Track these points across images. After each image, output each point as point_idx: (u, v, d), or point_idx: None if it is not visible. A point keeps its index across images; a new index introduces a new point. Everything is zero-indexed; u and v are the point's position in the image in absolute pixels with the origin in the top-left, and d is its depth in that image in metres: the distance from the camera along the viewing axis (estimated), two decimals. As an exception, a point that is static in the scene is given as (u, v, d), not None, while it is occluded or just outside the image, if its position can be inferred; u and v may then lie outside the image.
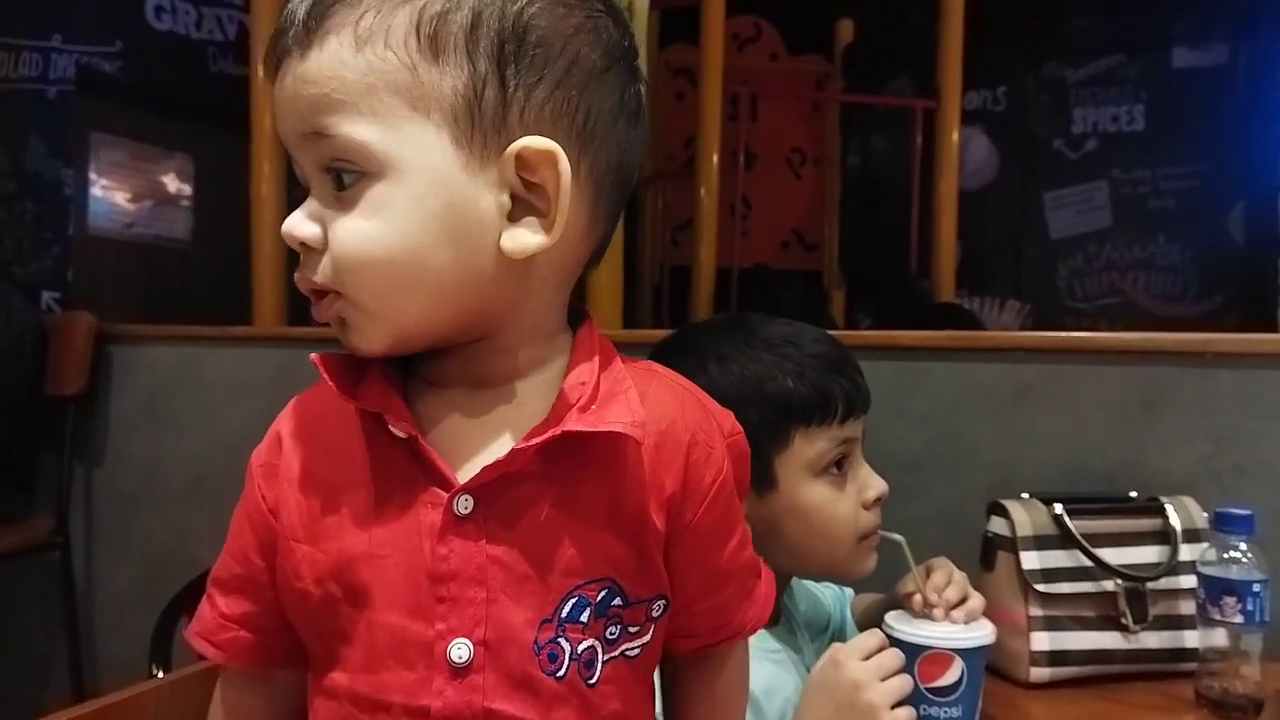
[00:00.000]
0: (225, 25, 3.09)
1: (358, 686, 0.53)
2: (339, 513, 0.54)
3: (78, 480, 1.98)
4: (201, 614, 0.59)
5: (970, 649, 0.80)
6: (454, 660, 0.51)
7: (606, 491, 0.54)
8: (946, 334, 1.51)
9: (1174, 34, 3.89)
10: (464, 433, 0.55)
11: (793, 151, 3.89)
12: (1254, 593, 0.95)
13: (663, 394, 0.58)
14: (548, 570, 0.53)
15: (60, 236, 2.75)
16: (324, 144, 0.50)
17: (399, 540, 0.53)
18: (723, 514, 0.59)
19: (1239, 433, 1.27)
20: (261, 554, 0.57)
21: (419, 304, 0.52)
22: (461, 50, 0.50)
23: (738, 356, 0.86)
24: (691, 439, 0.57)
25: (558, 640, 0.53)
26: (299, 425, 0.58)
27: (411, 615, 0.52)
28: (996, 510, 1.11)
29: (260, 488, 0.57)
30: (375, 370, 0.55)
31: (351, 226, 0.51)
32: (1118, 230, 3.99)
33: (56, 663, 1.97)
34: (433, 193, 0.50)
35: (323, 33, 0.50)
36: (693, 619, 0.61)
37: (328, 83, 0.50)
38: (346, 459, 0.55)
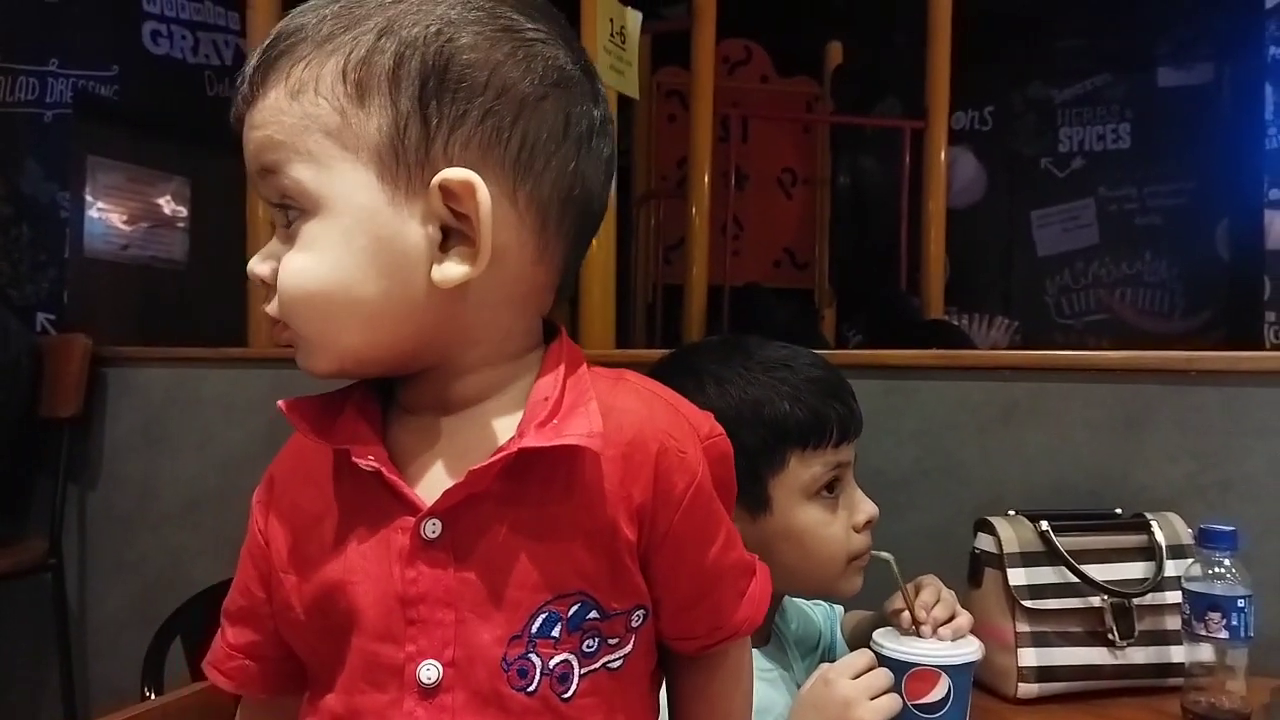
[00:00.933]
0: (222, 50, 3.12)
1: (339, 708, 0.55)
2: (319, 542, 0.56)
3: (72, 502, 1.98)
4: (214, 644, 0.63)
5: (957, 666, 0.81)
6: (423, 681, 0.53)
7: (572, 506, 0.55)
8: (934, 353, 1.52)
9: (1159, 53, 3.94)
10: (432, 457, 0.57)
11: (783, 171, 3.92)
12: (1239, 608, 0.96)
13: (629, 402, 0.58)
14: (515, 588, 0.54)
15: (56, 259, 2.75)
16: (271, 180, 0.54)
17: (370, 566, 0.54)
18: (703, 518, 0.59)
19: (1224, 449, 1.29)
20: (262, 586, 0.60)
21: (354, 334, 0.54)
22: (384, 92, 0.52)
23: (735, 379, 0.87)
24: (661, 446, 0.57)
25: (527, 656, 0.54)
26: (289, 462, 0.61)
27: (382, 639, 0.54)
28: (983, 527, 1.13)
29: (258, 522, 0.60)
30: (353, 402, 0.58)
31: (289, 261, 0.54)
32: (1105, 247, 4.02)
33: (49, 685, 1.96)
34: (360, 228, 0.52)
35: (266, 85, 0.54)
36: (688, 623, 0.61)
37: (269, 126, 0.53)
38: (326, 491, 0.57)
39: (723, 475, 0.62)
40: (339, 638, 0.55)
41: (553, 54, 0.56)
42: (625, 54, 2.00)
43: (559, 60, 0.56)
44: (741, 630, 0.64)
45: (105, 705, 1.02)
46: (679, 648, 0.63)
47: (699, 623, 0.62)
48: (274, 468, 0.62)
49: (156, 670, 1.09)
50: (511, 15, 0.55)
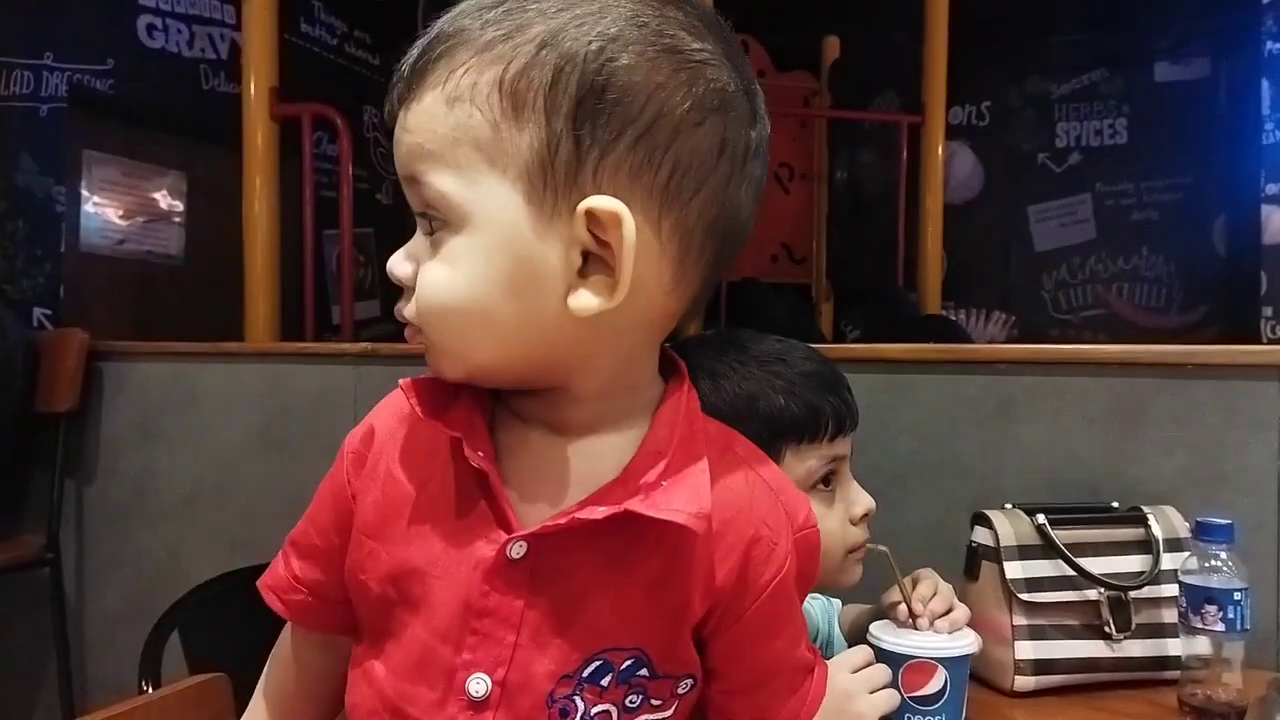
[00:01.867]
0: (218, 43, 3.11)
1: (388, 686, 0.56)
2: (410, 521, 0.57)
3: (69, 497, 1.98)
4: (275, 569, 0.63)
5: (953, 658, 0.81)
6: (472, 693, 0.53)
7: (654, 568, 0.55)
8: (931, 347, 1.53)
9: (1156, 49, 3.94)
10: (536, 475, 0.57)
11: (781, 166, 3.92)
12: (1235, 601, 0.96)
13: (735, 481, 0.58)
14: (578, 629, 0.54)
15: (52, 253, 2.74)
16: (418, 189, 0.54)
17: (451, 565, 0.55)
18: (776, 610, 0.60)
19: (1220, 443, 1.29)
20: (338, 531, 0.60)
21: (486, 350, 0.54)
22: (540, 108, 0.50)
23: (730, 374, 0.87)
24: (755, 534, 0.58)
25: (573, 698, 0.54)
26: (393, 423, 0.60)
27: (443, 639, 0.54)
28: (980, 521, 1.13)
29: (348, 471, 0.60)
30: (468, 394, 0.58)
31: (432, 272, 0.54)
32: (1102, 243, 4.03)
33: (46, 680, 1.96)
34: (502, 247, 0.51)
35: (422, 87, 0.53)
36: (733, 709, 0.61)
37: (422, 133, 0.52)
38: (428, 472, 0.57)
39: (808, 568, 0.63)
40: (402, 618, 0.56)
41: (716, 75, 0.53)
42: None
43: (721, 82, 0.54)
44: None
45: (102, 700, 1.02)
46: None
47: (742, 712, 0.62)
48: (376, 421, 0.61)
49: (154, 664, 1.09)
50: (678, 33, 0.52)
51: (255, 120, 2.14)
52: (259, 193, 2.13)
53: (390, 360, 1.74)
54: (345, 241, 2.43)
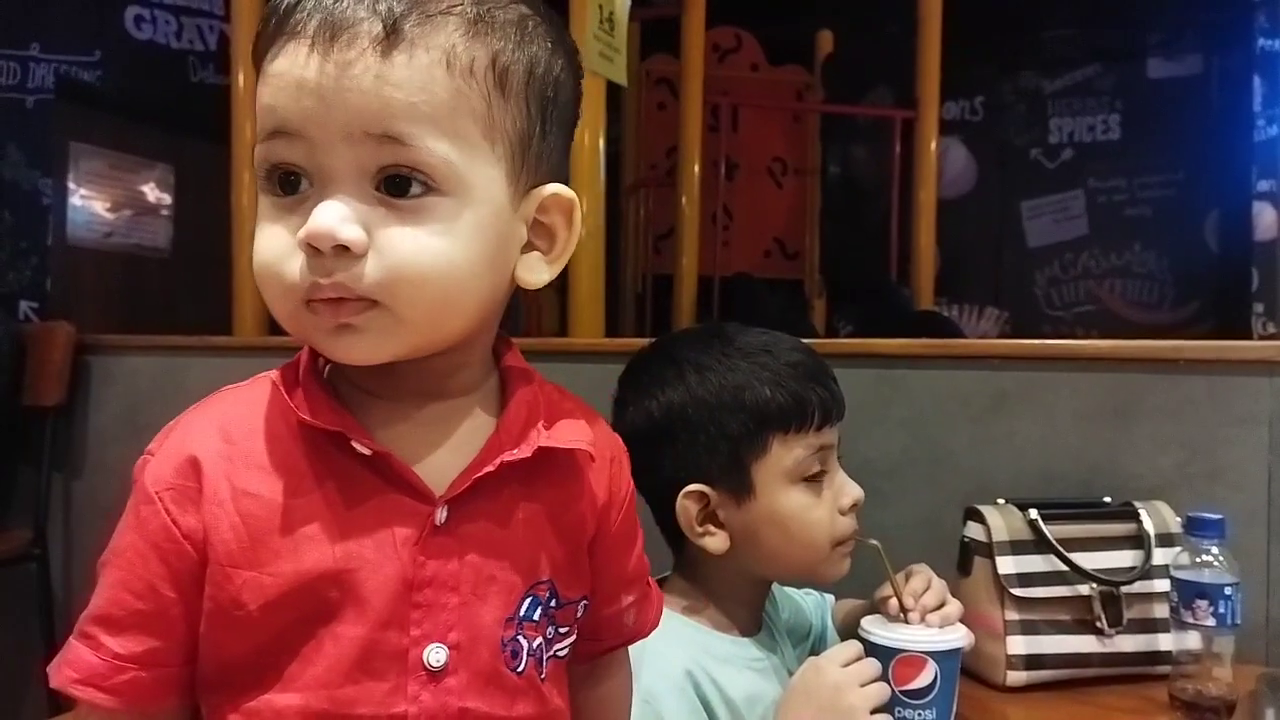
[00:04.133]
0: (206, 35, 3.09)
1: (314, 704, 0.52)
2: (291, 533, 0.52)
3: (56, 492, 1.96)
4: (80, 661, 0.53)
5: (943, 652, 0.81)
6: (430, 665, 0.53)
7: (556, 500, 0.59)
8: (924, 342, 1.52)
9: (1149, 45, 3.95)
10: (420, 444, 0.56)
11: (774, 161, 3.91)
12: (1226, 596, 0.96)
13: (586, 413, 0.63)
14: (510, 571, 0.56)
15: (38, 246, 2.73)
16: (392, 149, 0.49)
17: (370, 553, 0.53)
18: (631, 519, 0.66)
19: (1212, 439, 1.29)
20: (174, 585, 0.53)
21: (459, 320, 0.54)
22: (522, 94, 0.53)
23: (716, 366, 0.87)
24: (612, 454, 0.64)
25: (517, 638, 0.56)
26: (223, 445, 0.54)
27: (384, 626, 0.52)
28: (973, 516, 1.13)
29: (172, 514, 0.53)
30: (306, 382, 0.55)
31: (422, 241, 0.50)
32: (1094, 238, 4.04)
33: (33, 675, 1.95)
34: (490, 223, 0.53)
35: (411, 40, 0.49)
36: (598, 622, 0.65)
37: (419, 92, 0.49)
38: (293, 477, 0.53)
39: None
40: (312, 631, 0.52)
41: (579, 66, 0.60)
42: (614, 41, 1.99)
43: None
44: (645, 631, 0.69)
45: (89, 695, 1.01)
46: (579, 651, 0.64)
47: (607, 624, 0.66)
48: (190, 448, 0.54)
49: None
50: (564, 33, 0.58)
51: (244, 112, 2.13)
52: (247, 185, 2.11)
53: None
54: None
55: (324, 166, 0.50)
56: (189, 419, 0.57)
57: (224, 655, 0.53)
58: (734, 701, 0.83)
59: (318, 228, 0.49)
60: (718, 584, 0.90)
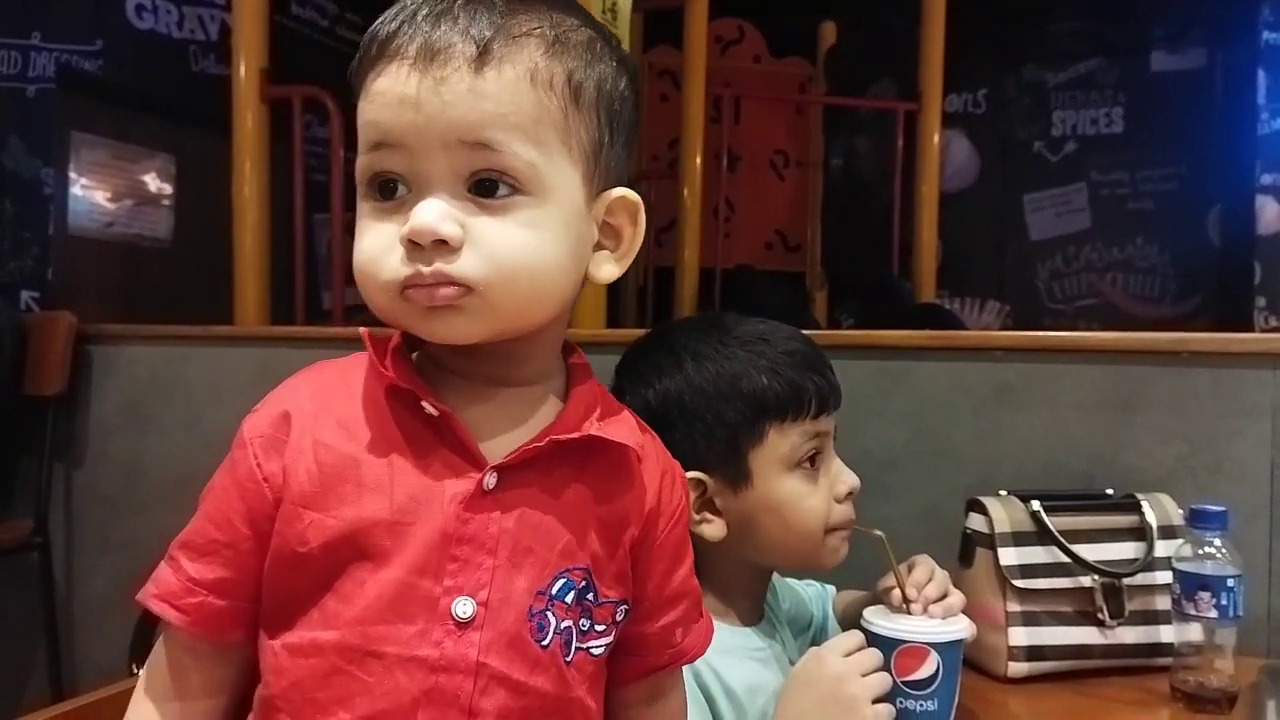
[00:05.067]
0: (207, 24, 3.08)
1: (349, 639, 0.56)
2: (358, 482, 0.58)
3: (57, 481, 1.96)
4: (161, 579, 0.60)
5: (945, 643, 0.81)
6: (458, 615, 0.57)
7: (601, 492, 0.63)
8: (927, 334, 1.52)
9: (1152, 38, 3.94)
10: (485, 419, 0.61)
11: (776, 153, 3.91)
12: (1228, 588, 0.96)
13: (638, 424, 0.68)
14: (547, 548, 0.60)
15: (40, 236, 2.73)
16: (484, 155, 0.56)
17: (423, 508, 0.58)
18: (682, 536, 0.69)
19: (1214, 431, 1.29)
20: (249, 523, 0.59)
21: (543, 311, 0.60)
22: (593, 107, 0.60)
23: (713, 355, 0.87)
24: (667, 465, 0.68)
25: (546, 612, 0.60)
26: (312, 403, 0.61)
27: (420, 573, 0.57)
28: (975, 507, 1.12)
29: (257, 458, 0.59)
30: (394, 354, 0.61)
31: (512, 234, 0.56)
32: (1097, 232, 4.03)
33: (35, 665, 1.96)
34: (572, 221, 0.59)
35: (499, 59, 0.56)
36: (644, 638, 0.67)
37: (508, 104, 0.56)
38: (364, 433, 0.59)
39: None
40: (359, 573, 0.57)
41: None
42: (617, 32, 1.98)
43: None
44: (690, 655, 0.70)
45: (91, 684, 1.02)
46: (624, 670, 0.67)
47: (652, 639, 0.67)
48: (285, 404, 0.61)
49: (144, 648, 1.09)
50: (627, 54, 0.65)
51: (245, 102, 2.12)
52: (249, 176, 2.11)
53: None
54: (336, 225, 2.41)
55: (422, 172, 0.56)
56: (289, 381, 0.63)
57: (282, 591, 0.59)
58: (734, 691, 0.84)
59: (420, 224, 0.54)
60: (717, 573, 0.90)
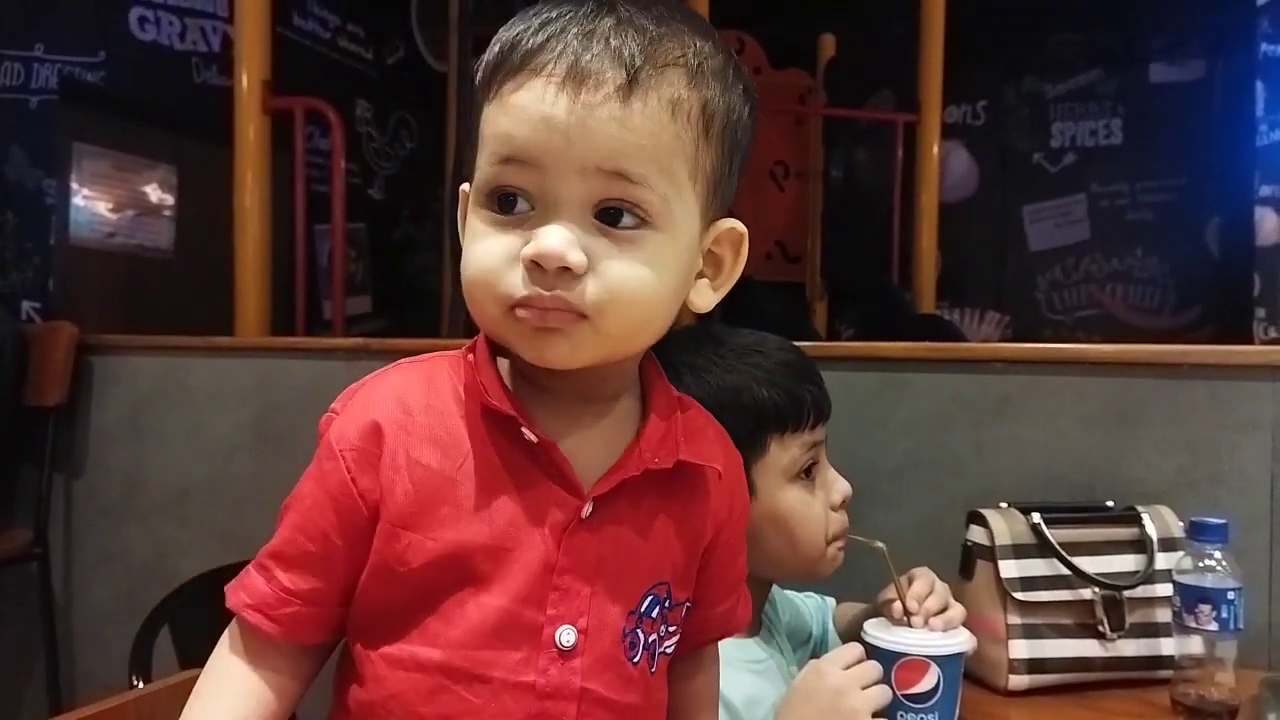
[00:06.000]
0: (209, 36, 3.09)
1: (454, 660, 0.57)
2: (456, 504, 0.58)
3: (57, 491, 1.96)
4: (254, 588, 0.60)
5: (946, 656, 0.80)
6: (561, 644, 0.58)
7: (684, 509, 0.64)
8: (927, 345, 1.52)
9: (1151, 50, 3.95)
10: (576, 440, 0.61)
11: (776, 164, 3.91)
12: (1229, 600, 0.96)
13: (711, 427, 0.69)
14: (637, 570, 0.62)
15: (41, 246, 2.73)
16: (619, 185, 0.55)
17: (523, 535, 0.58)
18: (741, 530, 0.71)
19: (1215, 443, 1.29)
20: (343, 535, 0.59)
21: (645, 339, 0.60)
22: (719, 137, 0.59)
23: (711, 368, 0.88)
24: (736, 471, 0.70)
25: (636, 631, 0.62)
26: (402, 416, 0.59)
27: (524, 602, 0.58)
28: (975, 519, 1.12)
29: (352, 472, 0.58)
30: (489, 374, 0.60)
31: (632, 269, 0.56)
32: (1096, 243, 4.04)
33: (34, 676, 1.95)
34: (687, 254, 0.59)
35: (646, 89, 0.55)
36: (707, 621, 0.70)
37: (649, 137, 0.55)
38: (462, 454, 0.59)
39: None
40: (460, 595, 0.58)
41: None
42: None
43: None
44: (738, 627, 0.73)
45: (90, 696, 1.01)
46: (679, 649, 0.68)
47: (714, 622, 0.71)
48: (375, 413, 0.59)
49: (144, 660, 1.08)
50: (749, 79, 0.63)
51: (247, 114, 2.13)
52: (250, 186, 2.11)
53: (381, 355, 1.73)
54: (337, 236, 2.42)
55: (551, 193, 0.55)
56: (373, 385, 0.62)
57: (378, 604, 0.59)
58: (733, 704, 0.83)
59: (549, 250, 0.54)
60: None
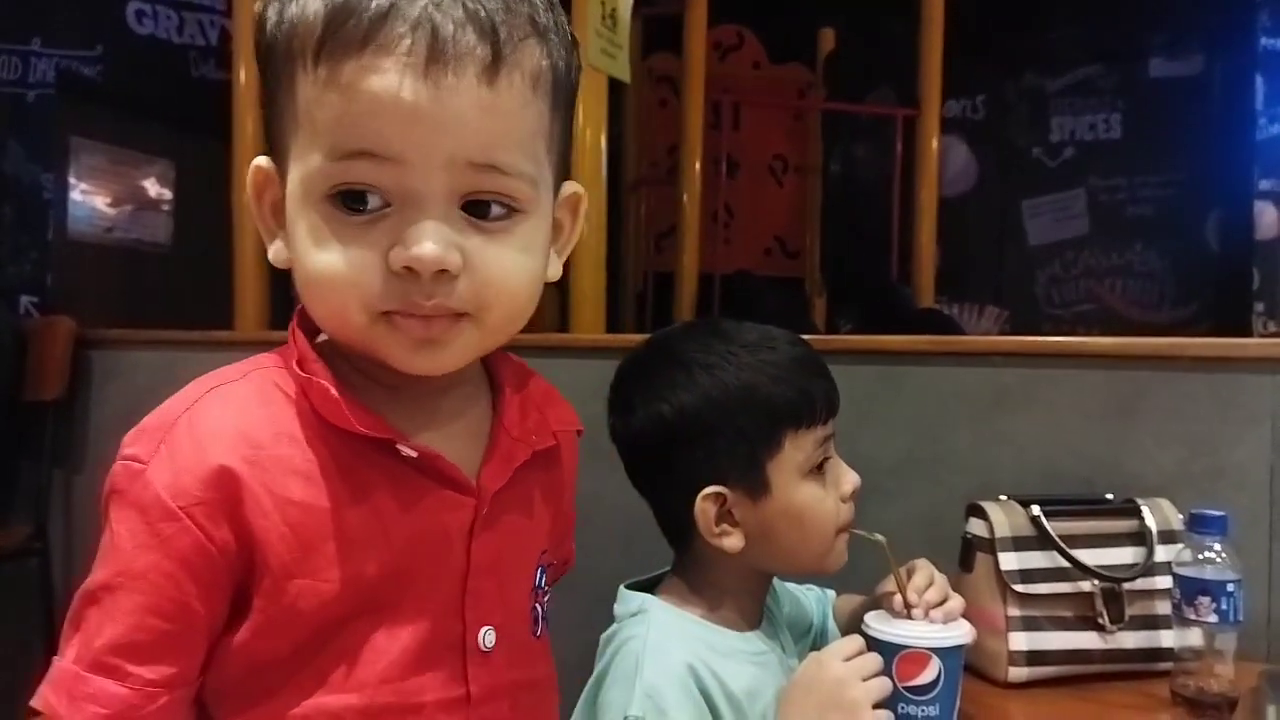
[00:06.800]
0: (207, 30, 3.08)
1: (379, 699, 0.53)
2: (342, 538, 0.52)
3: (57, 486, 1.96)
4: (106, 695, 0.50)
5: (947, 648, 0.80)
6: (484, 646, 0.56)
7: (547, 473, 0.64)
8: (927, 339, 1.52)
9: (1150, 44, 3.95)
10: (448, 437, 0.58)
11: (775, 159, 3.91)
12: (1228, 593, 0.96)
13: (548, 386, 0.67)
14: (528, 548, 0.61)
15: (39, 241, 2.73)
16: (490, 177, 0.50)
17: (425, 550, 0.55)
18: (574, 472, 0.72)
19: (1214, 436, 1.29)
20: (205, 601, 0.51)
21: (521, 325, 0.56)
22: (563, 100, 0.54)
23: (724, 365, 0.87)
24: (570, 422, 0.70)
25: (534, 605, 0.62)
26: (251, 451, 0.52)
27: (443, 616, 0.55)
28: (975, 512, 1.12)
29: (205, 529, 0.50)
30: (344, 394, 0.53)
31: (509, 258, 0.52)
32: (1095, 237, 4.04)
33: (33, 671, 1.95)
34: (547, 229, 0.55)
35: (510, 66, 0.49)
36: (563, 566, 0.74)
37: (514, 120, 0.50)
38: (336, 482, 0.53)
39: None
40: (360, 631, 0.53)
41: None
42: (616, 38, 1.99)
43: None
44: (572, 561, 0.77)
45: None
46: None
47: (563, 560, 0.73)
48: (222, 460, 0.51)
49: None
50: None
51: (245, 107, 2.12)
52: (246, 181, 2.11)
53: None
54: (336, 231, 2.40)
55: (412, 189, 0.49)
56: (192, 420, 0.53)
57: (261, 662, 0.52)
58: (735, 695, 0.83)
59: (425, 255, 0.48)
60: (724, 580, 0.90)
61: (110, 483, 0.52)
